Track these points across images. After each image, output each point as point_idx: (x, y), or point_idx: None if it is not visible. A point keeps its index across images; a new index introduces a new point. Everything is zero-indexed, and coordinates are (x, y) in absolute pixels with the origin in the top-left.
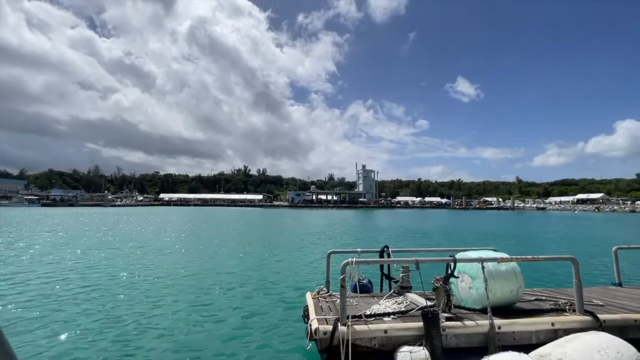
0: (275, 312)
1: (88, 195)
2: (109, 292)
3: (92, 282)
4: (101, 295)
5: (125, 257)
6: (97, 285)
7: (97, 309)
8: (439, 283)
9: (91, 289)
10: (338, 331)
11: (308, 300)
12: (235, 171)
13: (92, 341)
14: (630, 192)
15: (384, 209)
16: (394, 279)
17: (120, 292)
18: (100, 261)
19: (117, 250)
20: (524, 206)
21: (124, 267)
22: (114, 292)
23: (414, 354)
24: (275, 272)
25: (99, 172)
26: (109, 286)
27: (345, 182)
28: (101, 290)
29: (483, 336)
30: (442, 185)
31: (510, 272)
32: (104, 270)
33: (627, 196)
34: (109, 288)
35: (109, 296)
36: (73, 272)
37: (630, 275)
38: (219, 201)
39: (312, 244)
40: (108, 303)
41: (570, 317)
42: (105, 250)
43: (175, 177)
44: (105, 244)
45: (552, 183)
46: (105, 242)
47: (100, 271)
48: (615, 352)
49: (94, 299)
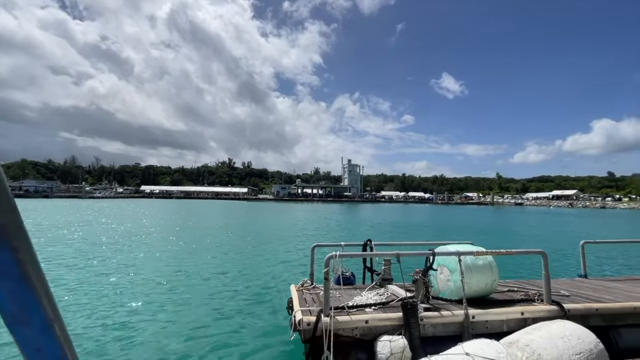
0: (259, 305)
1: (64, 186)
2: (85, 289)
3: (66, 281)
4: (81, 293)
5: (102, 253)
6: (70, 284)
7: (73, 309)
8: (418, 275)
9: (64, 289)
10: (321, 322)
11: (292, 292)
12: (220, 163)
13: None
14: (601, 189)
15: (368, 203)
16: (376, 271)
17: (93, 289)
18: (76, 257)
19: (95, 247)
20: (503, 202)
21: (100, 264)
22: (91, 289)
23: (393, 342)
24: (259, 265)
25: (75, 163)
26: (83, 283)
27: (330, 176)
28: (77, 289)
29: (458, 325)
30: (426, 181)
31: (486, 266)
32: (80, 268)
33: (598, 193)
34: (82, 284)
35: (84, 294)
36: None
37: (595, 267)
38: (203, 194)
39: (297, 237)
40: (88, 302)
41: (539, 307)
42: (86, 246)
43: (157, 168)
44: (82, 238)
45: (530, 179)
46: (81, 237)
47: (76, 269)
48: (577, 339)
49: (69, 301)
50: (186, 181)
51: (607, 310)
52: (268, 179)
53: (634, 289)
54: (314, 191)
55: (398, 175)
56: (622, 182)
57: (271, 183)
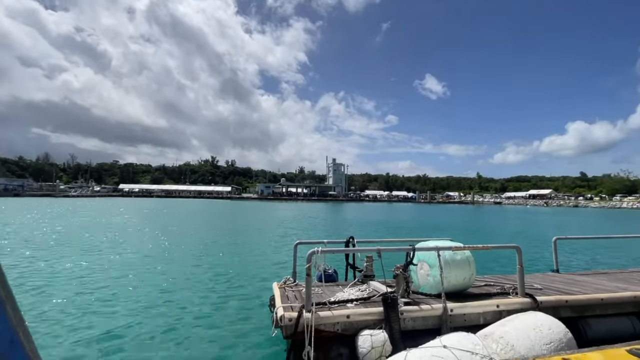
0: (242, 303)
1: (37, 184)
2: (56, 291)
3: (32, 283)
4: (57, 295)
5: (74, 252)
6: (36, 284)
7: (46, 310)
8: (399, 271)
9: (29, 289)
10: (303, 317)
11: (275, 290)
12: (202, 162)
13: (41, 346)
14: (574, 189)
15: (353, 202)
16: (358, 268)
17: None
18: (39, 260)
19: (70, 249)
20: (483, 200)
21: (77, 263)
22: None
23: (374, 336)
24: (242, 263)
25: (49, 160)
26: (54, 283)
27: (315, 175)
28: (47, 290)
29: (437, 319)
30: (409, 180)
31: (464, 261)
32: (47, 270)
33: (572, 192)
34: (52, 284)
35: (61, 294)
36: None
37: (567, 262)
38: (185, 193)
39: (281, 236)
40: (68, 302)
41: (513, 300)
42: (53, 248)
43: (137, 166)
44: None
45: (508, 179)
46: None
47: (42, 271)
48: (547, 329)
49: (39, 302)
50: (167, 180)
51: (577, 301)
52: (252, 177)
53: (602, 282)
54: (299, 190)
55: (382, 174)
56: (594, 182)
57: (255, 182)
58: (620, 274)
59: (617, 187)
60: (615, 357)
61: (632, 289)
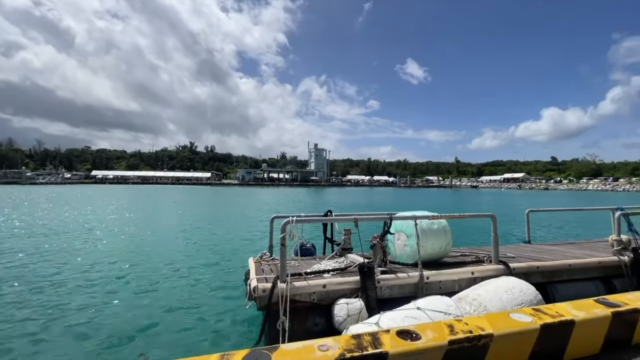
0: (217, 279)
1: (1, 172)
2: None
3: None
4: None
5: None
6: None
7: (24, 295)
8: (376, 240)
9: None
10: (277, 288)
11: (250, 264)
12: (180, 147)
13: (27, 333)
14: (545, 172)
15: (335, 187)
16: (336, 242)
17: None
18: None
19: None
20: (460, 184)
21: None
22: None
23: (350, 305)
24: (220, 243)
25: (13, 146)
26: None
27: (297, 161)
28: (27, 277)
29: (413, 286)
30: (390, 165)
31: (441, 230)
32: (21, 256)
33: (543, 176)
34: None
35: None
36: None
37: (538, 235)
38: (163, 179)
39: (262, 221)
40: (43, 288)
41: (487, 267)
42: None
43: (110, 152)
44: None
45: (484, 164)
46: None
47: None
48: (519, 292)
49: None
50: (144, 166)
51: (546, 267)
52: (233, 163)
53: (570, 250)
54: (281, 176)
55: (364, 159)
56: (563, 166)
57: (236, 168)
58: (587, 244)
59: (584, 171)
60: (584, 306)
61: (597, 255)
